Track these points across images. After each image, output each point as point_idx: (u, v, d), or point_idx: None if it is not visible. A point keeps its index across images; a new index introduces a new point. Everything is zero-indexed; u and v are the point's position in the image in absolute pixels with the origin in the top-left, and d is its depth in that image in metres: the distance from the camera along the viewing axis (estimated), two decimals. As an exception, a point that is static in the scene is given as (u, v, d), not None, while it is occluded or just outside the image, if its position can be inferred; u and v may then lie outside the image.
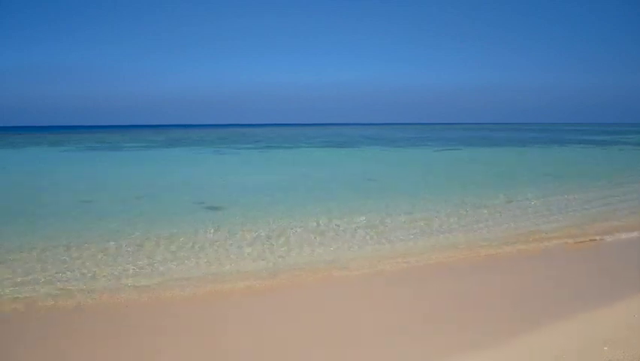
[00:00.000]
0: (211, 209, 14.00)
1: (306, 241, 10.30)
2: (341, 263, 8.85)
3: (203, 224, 11.63)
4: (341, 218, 12.35)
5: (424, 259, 9.06)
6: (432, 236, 10.83)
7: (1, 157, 39.72)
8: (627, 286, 7.44)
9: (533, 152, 41.55)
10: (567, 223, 11.91)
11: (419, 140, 66.58)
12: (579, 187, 17.77)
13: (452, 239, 10.59)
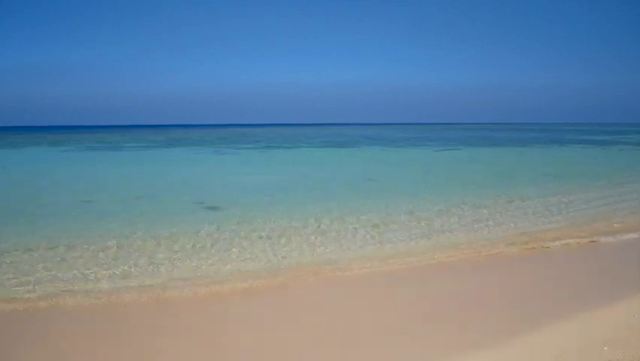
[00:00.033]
0: (211, 209, 14.00)
1: (306, 241, 10.30)
2: (341, 263, 8.85)
3: (203, 224, 11.62)
4: (341, 218, 12.35)
5: (424, 259, 9.06)
6: (432, 236, 10.83)
7: (1, 157, 39.72)
8: (627, 286, 7.45)
9: (533, 152, 41.53)
10: (567, 223, 11.92)
11: (419, 140, 66.58)
12: (579, 187, 17.78)
13: (452, 239, 10.59)
